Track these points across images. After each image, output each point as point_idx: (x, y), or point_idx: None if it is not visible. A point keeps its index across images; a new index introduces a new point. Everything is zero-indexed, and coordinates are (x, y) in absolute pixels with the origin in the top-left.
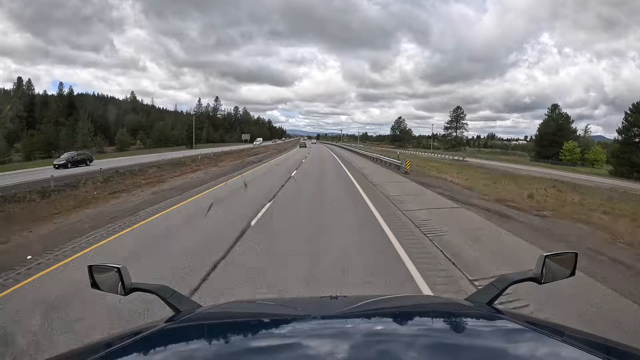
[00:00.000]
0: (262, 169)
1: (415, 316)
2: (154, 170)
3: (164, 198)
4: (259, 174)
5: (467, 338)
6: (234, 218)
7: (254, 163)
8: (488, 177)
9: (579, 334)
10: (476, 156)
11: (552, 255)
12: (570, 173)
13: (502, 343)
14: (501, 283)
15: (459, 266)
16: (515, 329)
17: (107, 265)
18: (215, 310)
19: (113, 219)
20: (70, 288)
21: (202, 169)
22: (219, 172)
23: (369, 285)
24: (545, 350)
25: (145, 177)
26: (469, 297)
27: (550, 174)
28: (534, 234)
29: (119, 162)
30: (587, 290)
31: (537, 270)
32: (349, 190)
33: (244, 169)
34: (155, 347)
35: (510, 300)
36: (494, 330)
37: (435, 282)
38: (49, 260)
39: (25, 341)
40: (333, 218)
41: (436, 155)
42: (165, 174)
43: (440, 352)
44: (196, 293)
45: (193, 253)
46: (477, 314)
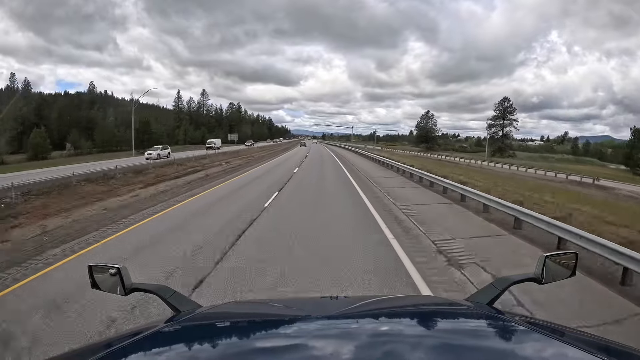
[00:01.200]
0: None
1: (416, 316)
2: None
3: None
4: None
5: (468, 338)
6: None
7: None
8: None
9: (579, 334)
10: (554, 167)
11: (553, 255)
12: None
13: (502, 343)
14: (501, 283)
15: None
16: (516, 330)
17: (108, 266)
18: (215, 311)
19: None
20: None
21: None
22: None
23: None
24: (546, 350)
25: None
26: (469, 298)
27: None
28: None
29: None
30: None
31: (537, 271)
32: None
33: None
34: (155, 347)
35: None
36: (495, 331)
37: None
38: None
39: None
40: None
41: (503, 168)
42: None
43: (442, 353)
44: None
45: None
46: (478, 314)
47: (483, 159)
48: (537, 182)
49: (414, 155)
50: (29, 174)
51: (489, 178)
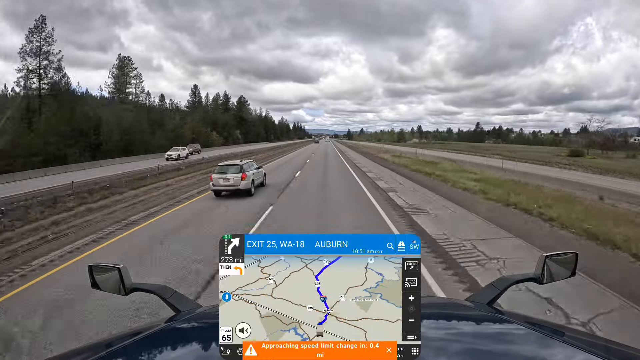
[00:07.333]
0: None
1: None
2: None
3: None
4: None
5: (468, 338)
6: None
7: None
8: None
9: (579, 335)
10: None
11: (553, 255)
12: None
13: (502, 343)
14: (502, 283)
15: None
16: (516, 330)
17: (108, 265)
18: (216, 311)
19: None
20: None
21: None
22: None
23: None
24: (546, 350)
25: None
26: (470, 298)
27: None
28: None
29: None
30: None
31: (537, 271)
32: None
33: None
34: (155, 347)
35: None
36: (495, 331)
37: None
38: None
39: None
40: None
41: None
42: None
43: (442, 353)
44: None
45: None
46: (478, 314)
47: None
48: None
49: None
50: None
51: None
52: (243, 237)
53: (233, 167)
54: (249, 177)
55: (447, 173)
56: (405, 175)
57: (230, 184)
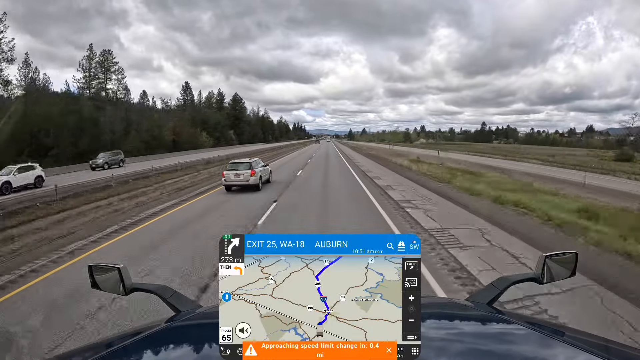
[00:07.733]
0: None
1: None
2: None
3: None
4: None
5: (467, 338)
6: None
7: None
8: None
9: (579, 335)
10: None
11: (553, 255)
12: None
13: (503, 343)
14: (502, 283)
15: None
16: (516, 330)
17: (108, 265)
18: (216, 311)
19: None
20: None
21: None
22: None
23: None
24: (546, 350)
25: None
26: (469, 298)
27: None
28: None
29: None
30: None
31: (537, 271)
32: None
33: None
34: (155, 347)
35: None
36: (495, 331)
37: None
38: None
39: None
40: None
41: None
42: None
43: (443, 353)
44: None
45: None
46: (478, 314)
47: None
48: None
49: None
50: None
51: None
52: (243, 237)
53: (243, 165)
54: (257, 173)
55: (517, 195)
56: (470, 207)
57: (241, 180)
